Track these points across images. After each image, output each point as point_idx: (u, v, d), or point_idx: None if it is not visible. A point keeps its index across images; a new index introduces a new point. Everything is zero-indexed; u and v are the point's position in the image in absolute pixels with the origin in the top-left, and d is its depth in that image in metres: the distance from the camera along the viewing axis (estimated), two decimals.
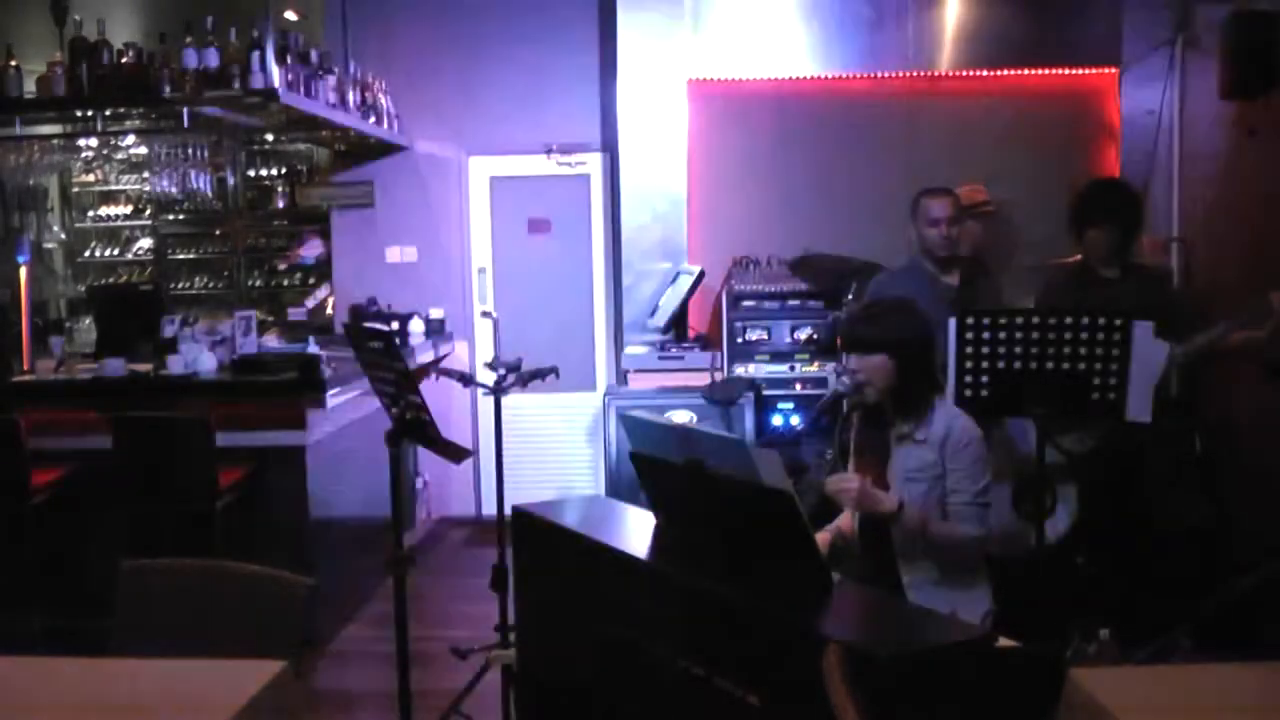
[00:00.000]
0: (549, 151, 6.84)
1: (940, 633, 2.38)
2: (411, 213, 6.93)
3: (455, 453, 3.44)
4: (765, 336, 5.85)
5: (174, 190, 6.64)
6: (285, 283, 7.64)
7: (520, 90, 6.79)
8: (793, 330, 5.85)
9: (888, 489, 3.03)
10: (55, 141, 6.31)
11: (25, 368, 5.18)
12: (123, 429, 4.45)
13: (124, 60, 5.19)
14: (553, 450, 6.92)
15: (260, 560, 2.55)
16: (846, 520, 3.23)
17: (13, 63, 5.31)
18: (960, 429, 3.00)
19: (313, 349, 5.29)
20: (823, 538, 2.99)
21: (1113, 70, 6.12)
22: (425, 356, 6.32)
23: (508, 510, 3.39)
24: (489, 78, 6.81)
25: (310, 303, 7.37)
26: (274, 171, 7.60)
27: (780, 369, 5.77)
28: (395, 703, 3.45)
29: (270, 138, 6.96)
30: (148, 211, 7.85)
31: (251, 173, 7.57)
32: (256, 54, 4.91)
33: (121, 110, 5.60)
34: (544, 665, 3.05)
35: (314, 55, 5.58)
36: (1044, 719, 2.25)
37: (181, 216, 7.78)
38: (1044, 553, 3.47)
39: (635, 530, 2.85)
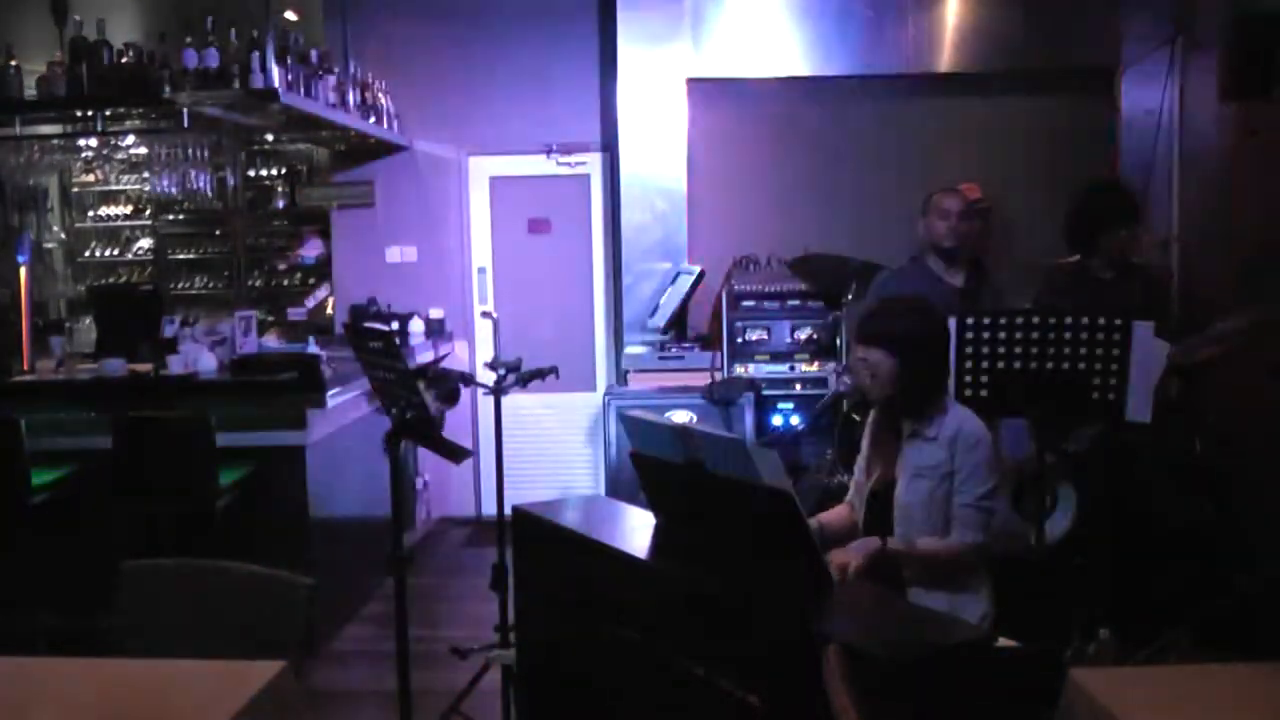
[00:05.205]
0: (549, 151, 6.84)
1: (940, 633, 2.38)
2: (411, 213, 6.93)
3: (455, 453, 3.44)
4: (765, 336, 5.85)
5: (174, 190, 6.64)
6: (285, 283, 7.63)
7: (520, 90, 6.79)
8: (793, 330, 5.85)
9: (895, 483, 3.03)
10: (55, 141, 6.30)
11: (25, 368, 5.18)
12: (123, 429, 4.45)
13: (124, 60, 5.19)
14: (553, 450, 6.92)
15: (260, 560, 2.55)
16: (830, 515, 3.22)
17: (13, 63, 5.32)
18: (970, 430, 3.00)
19: (313, 349, 5.29)
20: None
21: (1113, 70, 6.11)
22: (425, 356, 6.32)
23: (508, 510, 3.39)
24: (489, 78, 6.80)
25: (310, 303, 7.36)
26: (274, 171, 7.59)
27: (780, 369, 5.77)
28: (395, 703, 3.45)
29: (270, 138, 6.95)
30: (148, 211, 7.84)
31: (251, 173, 7.56)
32: (256, 54, 4.91)
33: (121, 110, 5.60)
34: (544, 665, 3.05)
35: (314, 55, 5.58)
36: (1044, 719, 2.25)
37: (181, 216, 7.77)
38: (1044, 553, 3.46)
39: (635, 530, 2.85)
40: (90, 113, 5.58)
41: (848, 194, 6.23)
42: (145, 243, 7.91)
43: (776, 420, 5.68)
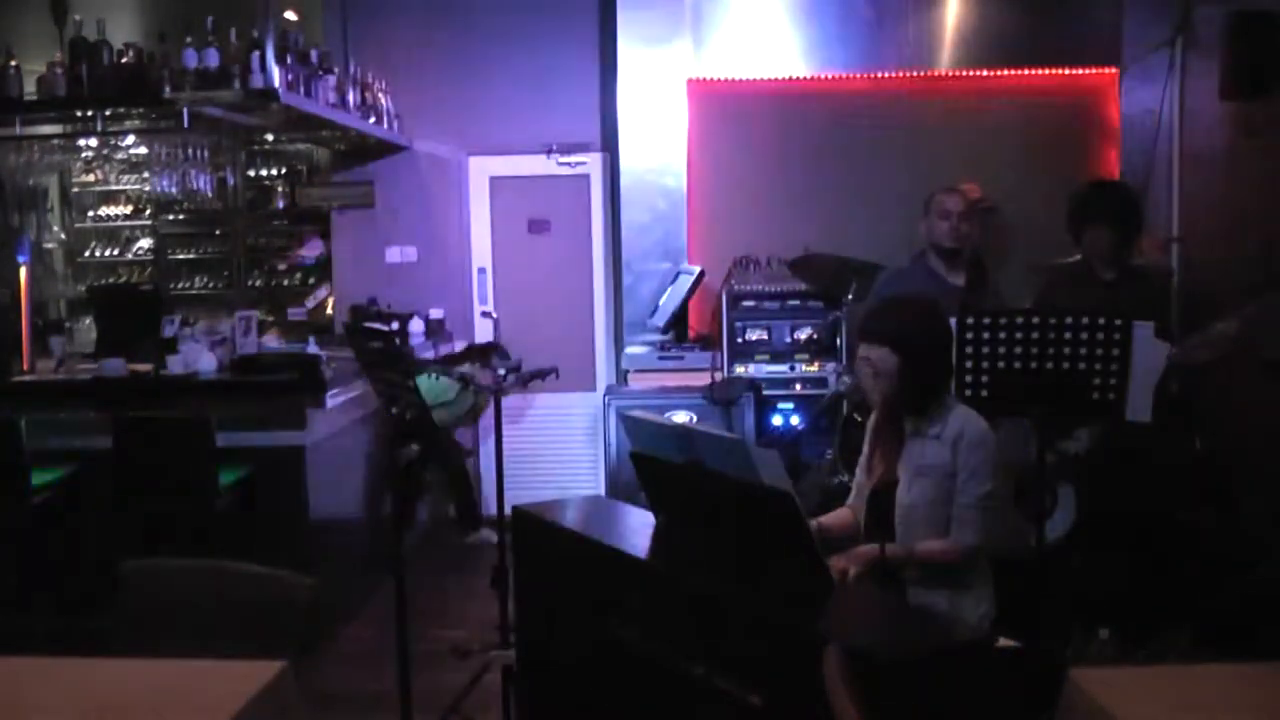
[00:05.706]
0: (549, 151, 6.84)
1: (940, 633, 2.39)
2: (411, 213, 6.93)
3: (454, 453, 3.44)
4: (765, 336, 5.85)
5: (174, 190, 6.63)
6: (285, 283, 7.63)
7: (520, 90, 6.78)
8: (793, 330, 5.85)
9: (896, 483, 3.03)
10: (55, 141, 6.30)
11: (25, 368, 5.18)
12: (123, 429, 4.45)
13: (124, 60, 5.19)
14: (553, 450, 6.92)
15: (260, 560, 2.55)
16: (830, 517, 3.22)
17: (13, 63, 5.31)
18: (973, 429, 3.00)
19: (313, 349, 5.29)
20: None
21: (1113, 70, 6.12)
22: (425, 356, 6.32)
23: (508, 510, 3.39)
24: (489, 78, 6.80)
25: (310, 303, 7.36)
26: (274, 171, 7.59)
27: (780, 369, 5.77)
28: (395, 703, 3.45)
29: (270, 138, 6.95)
30: (148, 211, 7.83)
31: (251, 173, 7.56)
32: (256, 54, 4.90)
33: (121, 110, 5.60)
34: (544, 665, 3.05)
35: (314, 55, 5.58)
36: (1044, 719, 2.25)
37: (181, 216, 7.76)
38: (1044, 553, 3.46)
39: (635, 530, 2.85)
40: (90, 113, 5.57)
41: (848, 194, 6.23)
42: (145, 243, 7.91)
43: (776, 420, 5.68)
